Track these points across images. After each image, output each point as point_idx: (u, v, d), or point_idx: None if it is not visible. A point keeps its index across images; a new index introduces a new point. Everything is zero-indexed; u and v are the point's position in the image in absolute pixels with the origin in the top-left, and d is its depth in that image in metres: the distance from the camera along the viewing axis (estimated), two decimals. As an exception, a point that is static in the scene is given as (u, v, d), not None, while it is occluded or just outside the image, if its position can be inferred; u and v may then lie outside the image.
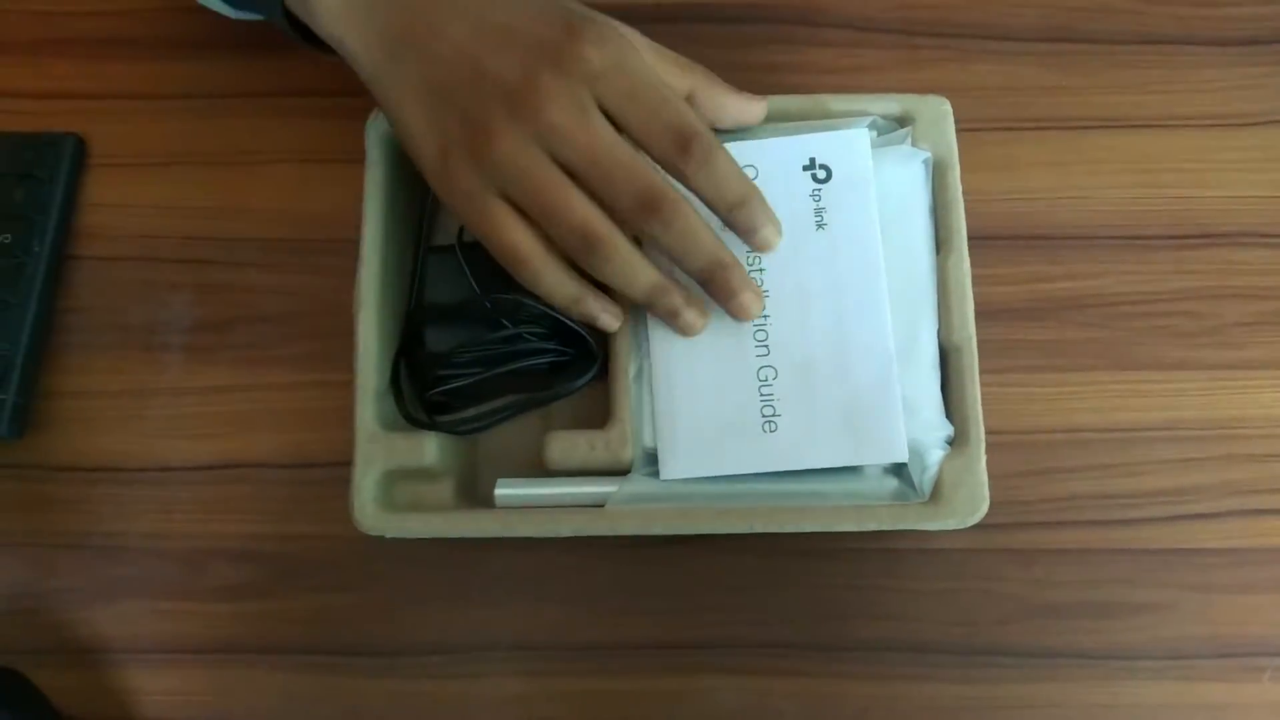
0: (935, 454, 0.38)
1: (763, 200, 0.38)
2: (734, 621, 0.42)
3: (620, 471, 0.39)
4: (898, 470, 0.39)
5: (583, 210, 0.35)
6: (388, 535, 0.39)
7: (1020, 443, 0.42)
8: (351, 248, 0.41)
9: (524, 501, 0.40)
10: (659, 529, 0.39)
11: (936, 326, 0.40)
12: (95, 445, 0.44)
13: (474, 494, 0.42)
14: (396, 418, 0.41)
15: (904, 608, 0.41)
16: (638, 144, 0.36)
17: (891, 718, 0.41)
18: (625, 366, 0.40)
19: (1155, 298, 0.44)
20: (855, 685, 0.41)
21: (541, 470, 0.40)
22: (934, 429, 0.39)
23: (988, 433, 0.39)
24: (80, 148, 0.47)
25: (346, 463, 0.40)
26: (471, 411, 0.41)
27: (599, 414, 0.40)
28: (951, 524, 0.38)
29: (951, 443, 0.39)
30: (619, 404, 0.40)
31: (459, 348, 0.40)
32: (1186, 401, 0.43)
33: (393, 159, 0.42)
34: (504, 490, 0.40)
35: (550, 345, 0.41)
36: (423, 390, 0.41)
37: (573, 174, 0.35)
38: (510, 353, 0.40)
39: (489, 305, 0.40)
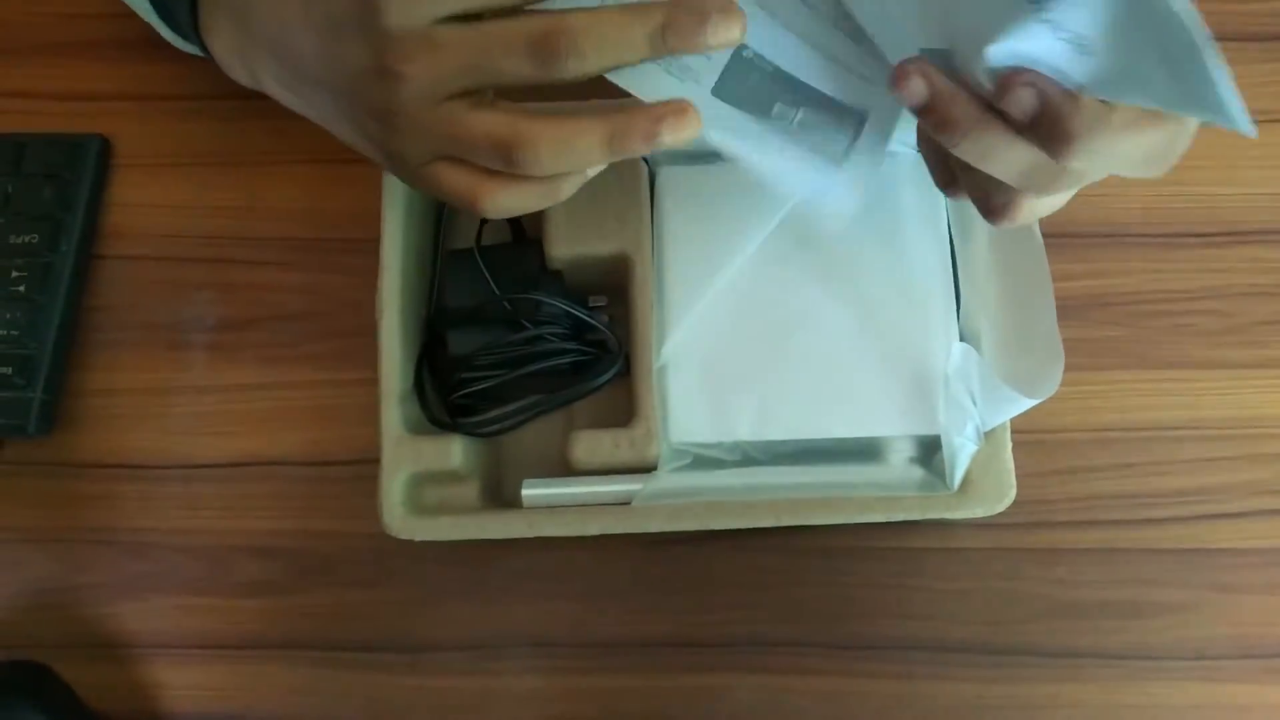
0: (966, 445, 0.38)
1: None
2: (755, 619, 0.42)
3: (646, 469, 0.40)
4: (924, 460, 0.40)
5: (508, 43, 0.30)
6: (417, 539, 0.39)
7: (1043, 442, 0.42)
8: (371, 246, 0.42)
9: (551, 501, 0.40)
10: (686, 525, 0.39)
11: (958, 318, 0.40)
12: (121, 442, 0.44)
13: (500, 495, 0.42)
14: (421, 421, 0.41)
15: (926, 607, 0.41)
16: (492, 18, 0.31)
17: (913, 717, 0.41)
18: (647, 364, 0.40)
19: (1179, 296, 0.44)
20: (876, 684, 0.41)
21: (567, 470, 0.40)
22: (964, 419, 0.39)
23: (1011, 432, 0.39)
24: (106, 149, 0.47)
25: (369, 460, 0.40)
26: (495, 413, 0.41)
27: (622, 412, 0.40)
28: (979, 512, 0.38)
29: (982, 434, 0.39)
30: (642, 401, 0.40)
31: (481, 350, 0.41)
32: (1211, 400, 0.43)
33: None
34: (531, 491, 0.40)
35: (571, 345, 0.41)
36: (446, 394, 0.41)
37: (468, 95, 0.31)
38: (532, 354, 0.41)
39: (509, 306, 0.41)
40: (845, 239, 0.41)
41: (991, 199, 0.32)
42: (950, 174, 0.34)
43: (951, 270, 0.41)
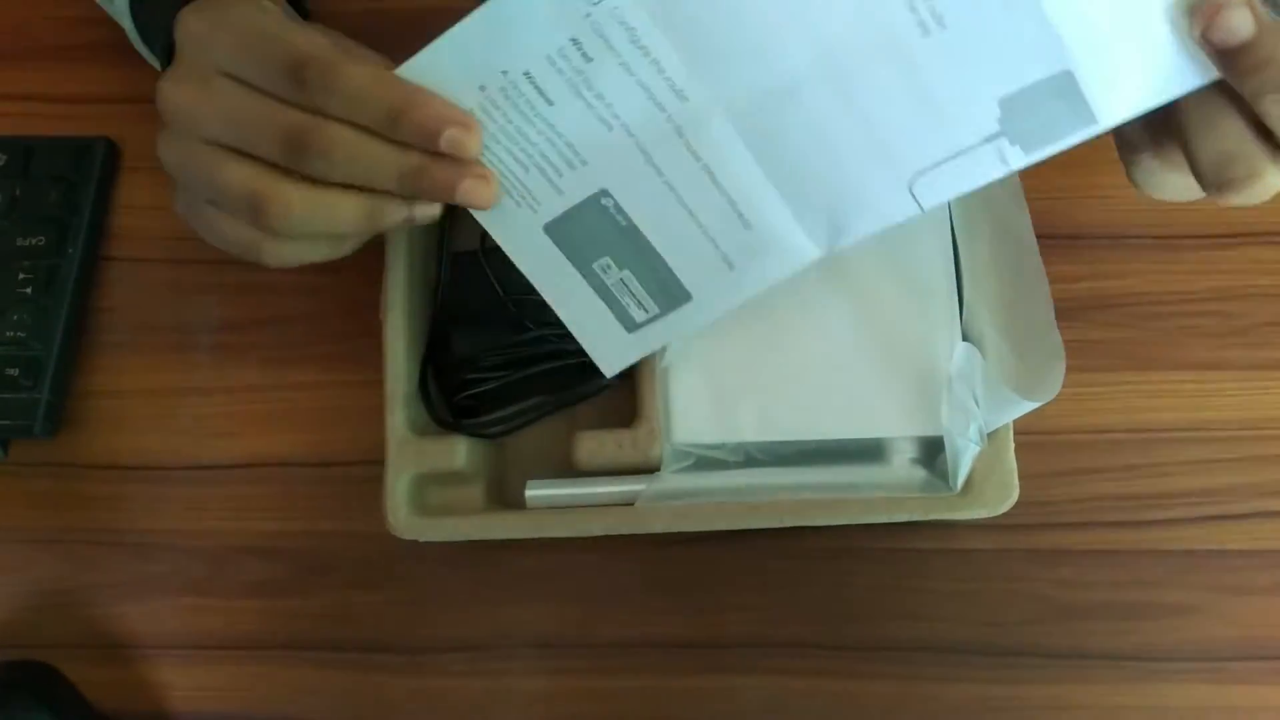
0: (969, 446, 0.38)
1: (425, 99, 0.31)
2: (759, 621, 0.42)
3: (649, 469, 0.40)
4: (927, 461, 0.40)
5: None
6: (422, 539, 0.40)
7: (1047, 443, 0.42)
8: (376, 248, 0.42)
9: (555, 502, 0.40)
10: (690, 526, 0.39)
11: (961, 319, 0.40)
12: (127, 444, 0.44)
13: (504, 495, 0.42)
14: (427, 422, 0.41)
15: (930, 608, 0.41)
16: (266, 96, 0.32)
17: (916, 718, 0.41)
18: (651, 364, 0.40)
19: (1183, 297, 0.44)
20: (880, 685, 0.41)
21: (571, 471, 0.40)
22: (967, 419, 0.39)
23: (1014, 433, 0.39)
24: (112, 151, 0.48)
25: (373, 461, 0.40)
26: (499, 414, 0.41)
27: (626, 413, 0.41)
28: (982, 513, 0.38)
29: (984, 434, 0.39)
30: (646, 402, 0.40)
31: (485, 351, 0.41)
32: (1215, 402, 0.43)
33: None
34: (534, 491, 0.40)
35: (575, 345, 0.41)
36: (451, 394, 0.41)
37: (229, 148, 0.32)
38: (536, 354, 0.41)
39: (514, 308, 0.41)
40: (887, 258, 0.41)
41: (1233, 168, 0.28)
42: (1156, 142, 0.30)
43: (954, 270, 0.41)
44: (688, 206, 0.33)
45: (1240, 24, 0.26)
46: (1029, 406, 0.38)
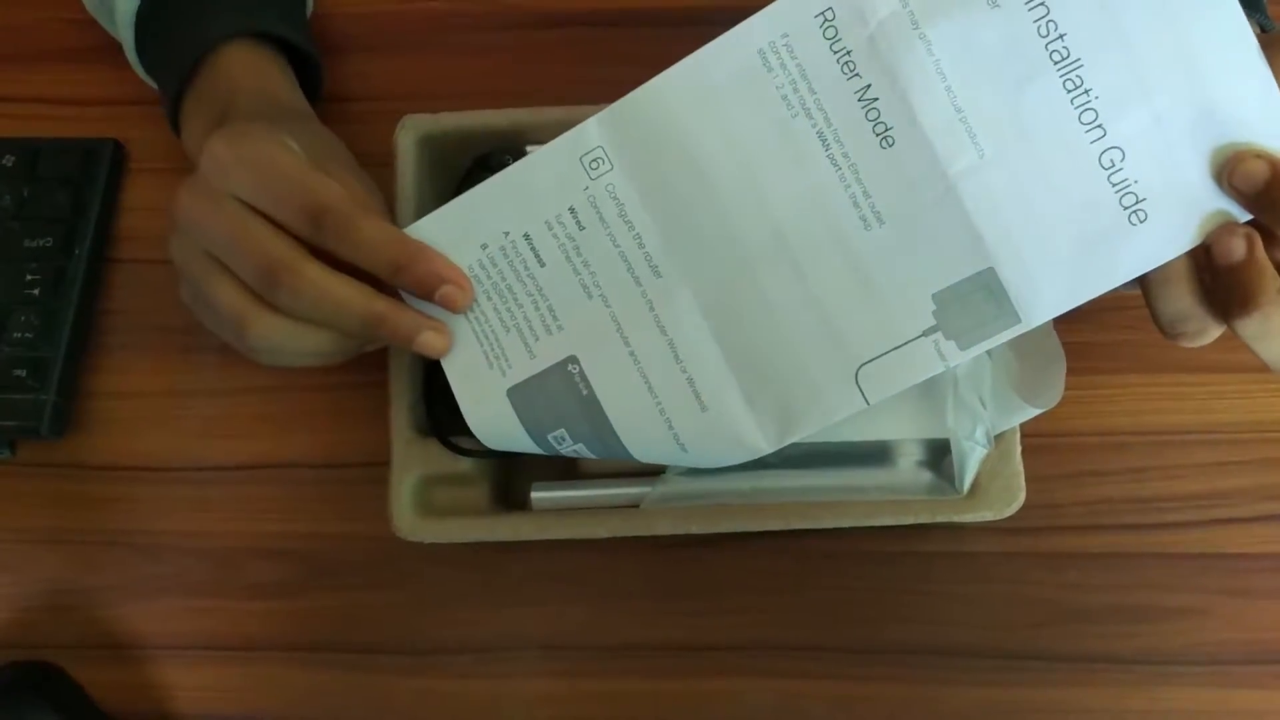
0: (975, 449, 0.38)
1: (428, 257, 0.35)
2: (764, 623, 0.42)
3: (654, 472, 0.40)
4: (933, 464, 0.40)
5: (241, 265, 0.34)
6: (427, 541, 0.40)
7: (1054, 445, 0.42)
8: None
9: (560, 504, 0.40)
10: (695, 528, 0.39)
11: None
12: (133, 445, 0.44)
13: (509, 497, 0.42)
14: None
15: (936, 611, 0.41)
16: (266, 225, 0.35)
17: (922, 721, 0.41)
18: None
19: (1190, 300, 0.44)
20: (886, 688, 0.41)
21: (576, 472, 0.40)
22: (973, 422, 0.39)
23: (1021, 435, 0.39)
24: (119, 153, 0.48)
25: (379, 463, 0.40)
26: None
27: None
28: (988, 516, 0.38)
29: (992, 437, 0.39)
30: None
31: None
32: (1222, 404, 0.43)
33: (423, 163, 0.42)
34: (540, 493, 0.40)
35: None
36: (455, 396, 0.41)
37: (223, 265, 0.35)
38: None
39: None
40: None
41: (1185, 325, 0.32)
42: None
43: None
44: (649, 381, 0.35)
45: (1257, 171, 0.30)
46: (1032, 412, 0.38)
